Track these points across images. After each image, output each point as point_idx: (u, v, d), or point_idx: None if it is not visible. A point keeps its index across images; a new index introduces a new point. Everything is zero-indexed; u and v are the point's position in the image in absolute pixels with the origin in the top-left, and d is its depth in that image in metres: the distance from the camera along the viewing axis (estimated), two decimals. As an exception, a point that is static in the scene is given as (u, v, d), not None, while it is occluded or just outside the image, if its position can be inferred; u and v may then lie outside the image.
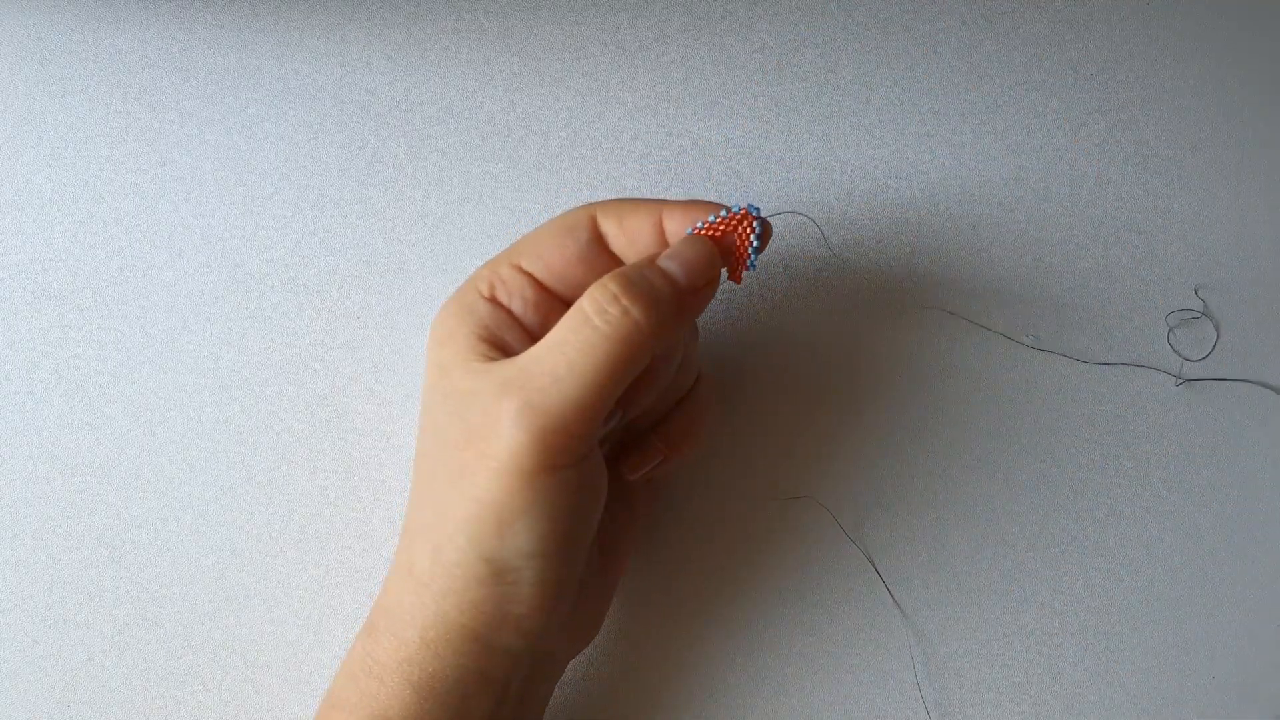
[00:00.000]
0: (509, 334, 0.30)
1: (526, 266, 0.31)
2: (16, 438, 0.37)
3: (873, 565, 0.37)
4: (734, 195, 0.39)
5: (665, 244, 0.31)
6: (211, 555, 0.36)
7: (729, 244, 0.31)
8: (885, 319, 0.38)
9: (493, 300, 0.31)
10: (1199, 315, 0.39)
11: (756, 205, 0.31)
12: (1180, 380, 0.39)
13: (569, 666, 0.34)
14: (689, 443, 0.33)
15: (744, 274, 0.31)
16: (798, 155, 0.39)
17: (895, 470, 0.38)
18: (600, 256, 0.31)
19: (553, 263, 0.31)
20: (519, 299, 0.31)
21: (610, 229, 0.31)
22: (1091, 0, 0.41)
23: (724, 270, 0.31)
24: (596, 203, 0.32)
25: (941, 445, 0.38)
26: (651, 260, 0.29)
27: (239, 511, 0.37)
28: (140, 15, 0.39)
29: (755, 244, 0.31)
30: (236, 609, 0.36)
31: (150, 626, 0.36)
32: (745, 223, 0.31)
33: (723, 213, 0.30)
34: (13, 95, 0.39)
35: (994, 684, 0.37)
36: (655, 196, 0.32)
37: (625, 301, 0.28)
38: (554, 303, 0.31)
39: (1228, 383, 0.39)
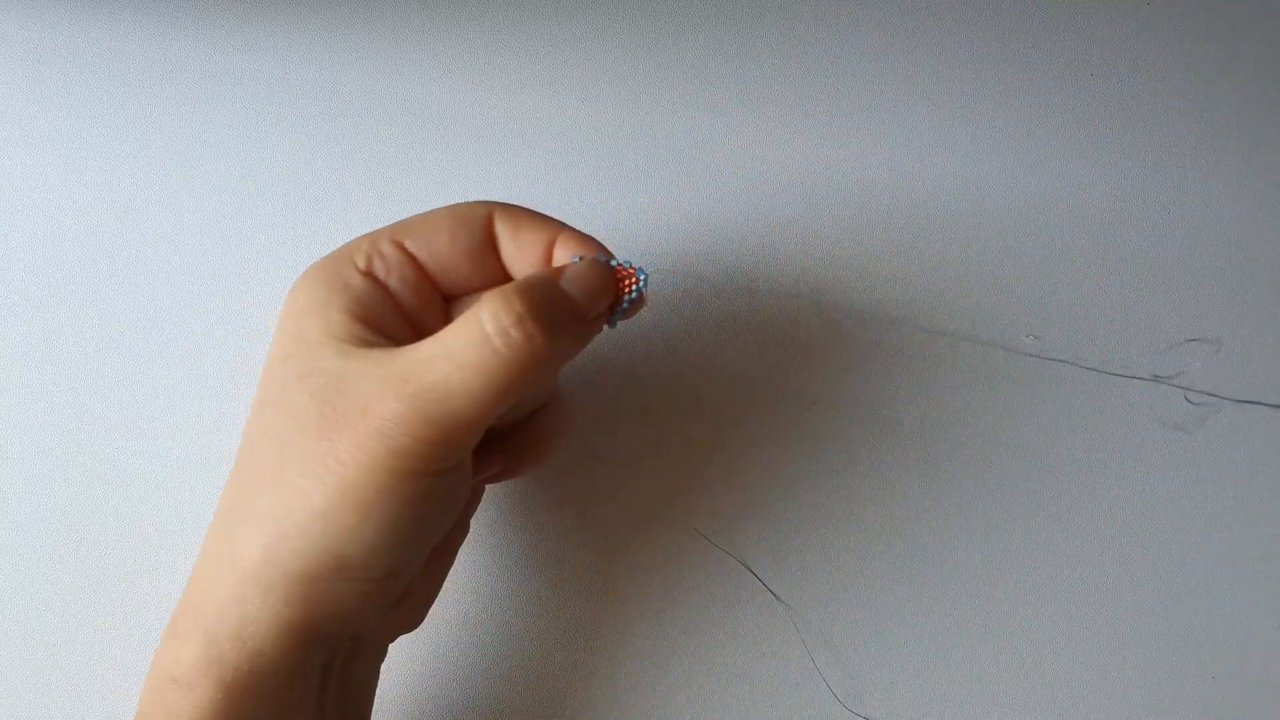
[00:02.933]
0: (383, 313, 0.29)
1: (410, 246, 0.30)
2: (17, 437, 0.37)
3: (760, 579, 0.37)
4: (728, 197, 0.39)
5: (550, 265, 0.30)
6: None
7: None
8: (880, 324, 0.38)
9: (369, 275, 0.29)
10: (1198, 316, 0.39)
11: (645, 271, 0.30)
12: (1181, 388, 0.39)
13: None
14: (532, 459, 0.32)
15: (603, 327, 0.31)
16: (797, 155, 0.39)
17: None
18: (488, 257, 0.30)
19: (439, 250, 0.30)
20: (397, 277, 0.29)
21: (504, 234, 0.30)
22: (1091, 0, 0.41)
23: None
24: (494, 202, 0.31)
25: (910, 455, 0.38)
26: (554, 280, 0.28)
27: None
28: (140, 15, 0.39)
29: (625, 305, 0.30)
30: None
31: (149, 627, 0.36)
32: (628, 281, 0.30)
33: (612, 263, 0.30)
34: (13, 95, 0.39)
35: (997, 684, 0.37)
36: (542, 213, 0.31)
37: (530, 326, 0.26)
38: (431, 290, 0.30)
39: (1228, 384, 0.39)
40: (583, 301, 0.28)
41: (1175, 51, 0.41)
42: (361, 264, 0.29)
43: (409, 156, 0.39)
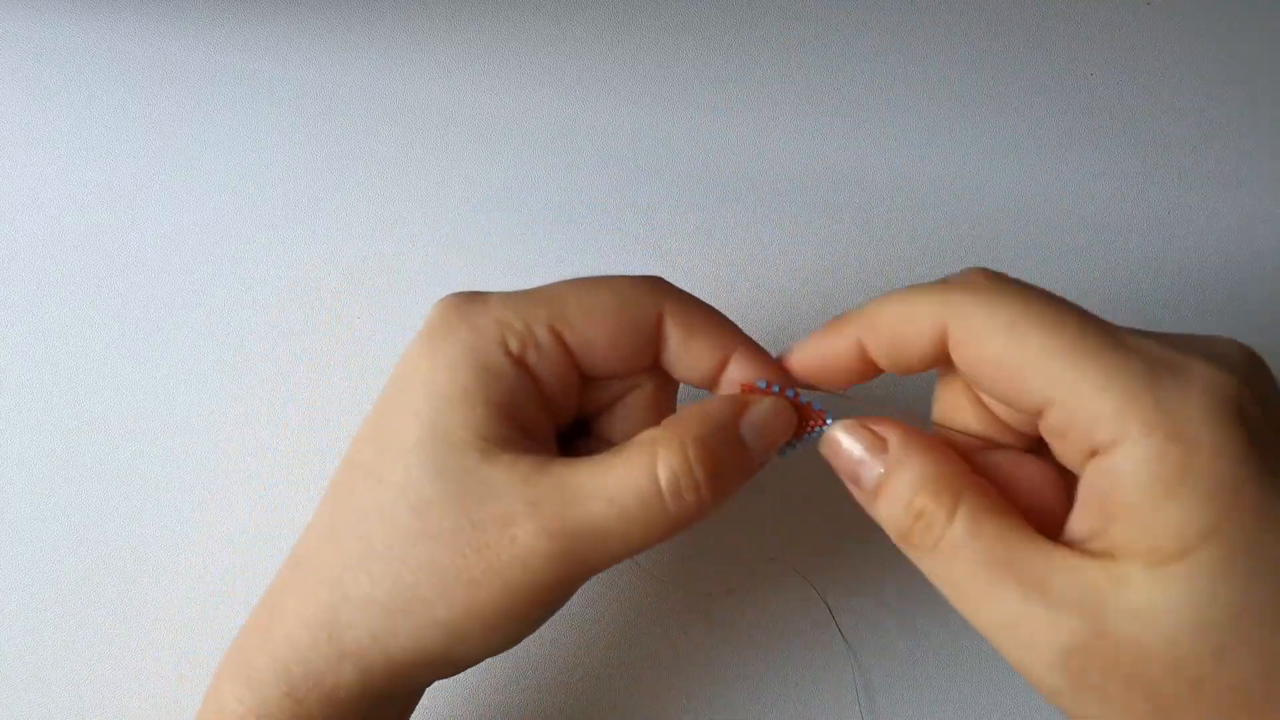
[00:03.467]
0: (530, 408, 0.26)
1: (568, 339, 0.26)
2: (17, 437, 0.37)
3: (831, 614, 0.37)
4: (729, 197, 0.39)
5: (719, 378, 0.27)
6: (209, 556, 0.36)
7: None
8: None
9: (522, 363, 0.26)
10: (1199, 315, 0.39)
11: (830, 415, 0.27)
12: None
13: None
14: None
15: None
16: (797, 155, 0.39)
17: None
18: (648, 352, 0.27)
19: (597, 347, 0.26)
20: (550, 375, 0.26)
21: (674, 338, 0.27)
22: (1091, 0, 0.41)
23: None
24: (664, 291, 0.27)
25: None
26: (735, 429, 0.26)
27: (238, 510, 0.37)
28: (140, 15, 0.39)
29: (801, 442, 0.27)
30: (236, 609, 0.36)
31: (149, 628, 0.36)
32: (813, 420, 0.27)
33: (802, 399, 0.27)
34: (13, 95, 0.39)
35: (989, 675, 0.37)
36: (718, 313, 0.28)
37: (705, 491, 0.25)
38: (577, 376, 0.27)
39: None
40: (759, 454, 0.26)
41: (1175, 51, 0.41)
42: (515, 348, 0.26)
43: (409, 156, 0.39)
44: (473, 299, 0.27)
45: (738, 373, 0.27)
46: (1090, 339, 0.22)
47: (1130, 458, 0.21)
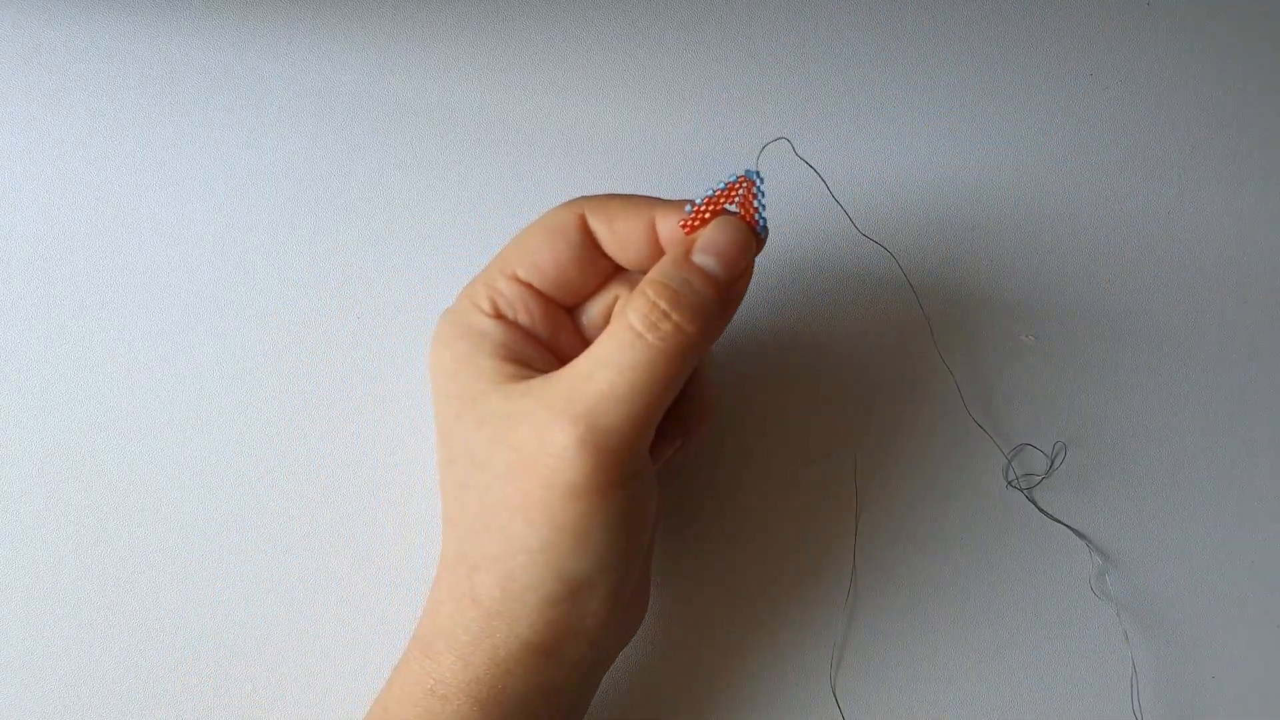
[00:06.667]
0: (525, 349, 0.30)
1: (523, 276, 0.30)
2: (17, 437, 0.37)
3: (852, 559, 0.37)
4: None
5: (658, 245, 0.30)
6: (208, 556, 0.36)
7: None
8: (880, 320, 0.38)
9: (498, 317, 0.30)
10: (1199, 315, 0.39)
11: (755, 169, 0.29)
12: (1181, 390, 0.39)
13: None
14: (703, 421, 0.33)
15: (763, 242, 0.29)
16: (797, 155, 0.39)
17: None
18: (594, 258, 0.31)
19: (547, 270, 0.30)
20: (525, 313, 0.30)
21: (601, 231, 0.30)
22: (1091, 0, 0.41)
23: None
24: (582, 200, 0.30)
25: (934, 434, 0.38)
26: (686, 258, 0.28)
27: (237, 511, 0.37)
28: (140, 15, 0.39)
29: (762, 206, 0.29)
30: (235, 609, 0.36)
31: (148, 627, 0.36)
32: (746, 188, 0.29)
33: (720, 184, 0.29)
34: (13, 95, 0.39)
35: (985, 673, 0.37)
36: (648, 194, 0.31)
37: (676, 317, 0.27)
38: (557, 311, 0.31)
39: (1236, 382, 0.39)
40: (719, 269, 0.28)
41: (1175, 51, 0.41)
42: (487, 308, 0.30)
43: (409, 156, 0.39)
44: (452, 304, 0.31)
45: (666, 226, 0.29)
46: None
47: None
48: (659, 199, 0.30)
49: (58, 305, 0.38)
